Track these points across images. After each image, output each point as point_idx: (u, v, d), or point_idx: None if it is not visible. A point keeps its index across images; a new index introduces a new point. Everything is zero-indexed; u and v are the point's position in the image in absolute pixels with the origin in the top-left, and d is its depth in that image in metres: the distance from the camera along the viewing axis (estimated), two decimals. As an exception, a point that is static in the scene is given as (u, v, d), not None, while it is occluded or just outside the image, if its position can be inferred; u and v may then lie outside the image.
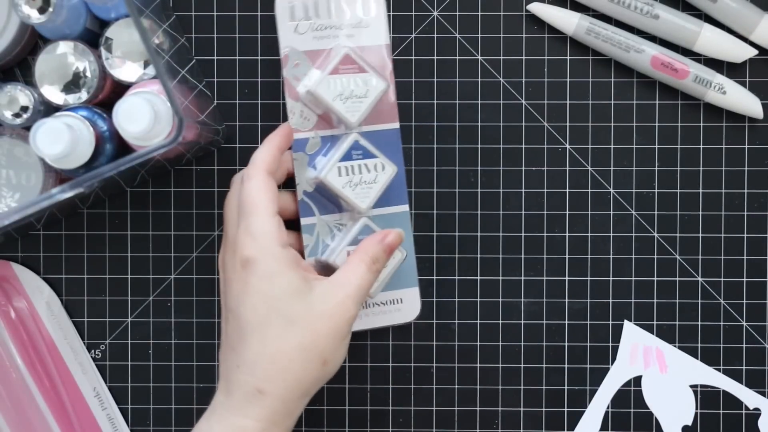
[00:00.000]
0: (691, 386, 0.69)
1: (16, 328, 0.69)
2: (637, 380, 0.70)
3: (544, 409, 0.70)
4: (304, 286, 0.58)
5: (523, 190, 0.70)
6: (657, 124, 0.70)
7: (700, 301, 0.70)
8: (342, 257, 0.64)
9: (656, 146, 0.70)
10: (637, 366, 0.69)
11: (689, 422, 0.69)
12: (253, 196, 0.60)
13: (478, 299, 0.70)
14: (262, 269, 0.58)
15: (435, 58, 0.69)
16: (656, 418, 0.70)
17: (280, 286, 0.58)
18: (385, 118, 0.66)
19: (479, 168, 0.70)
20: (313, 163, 0.65)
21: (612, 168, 0.70)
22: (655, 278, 0.70)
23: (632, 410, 0.70)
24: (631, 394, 0.70)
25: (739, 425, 0.70)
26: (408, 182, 0.69)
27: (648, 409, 0.70)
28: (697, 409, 0.70)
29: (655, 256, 0.70)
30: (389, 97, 0.66)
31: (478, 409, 0.70)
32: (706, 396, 0.70)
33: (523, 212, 0.70)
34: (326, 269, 0.64)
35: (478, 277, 0.70)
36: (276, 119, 0.70)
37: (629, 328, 0.69)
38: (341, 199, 0.64)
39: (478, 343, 0.70)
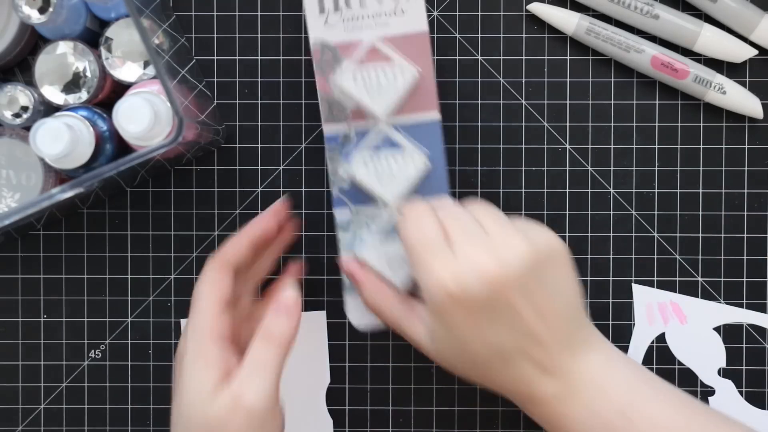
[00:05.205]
0: (714, 329, 0.69)
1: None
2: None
3: (544, 409, 0.70)
4: (211, 390, 0.56)
5: (523, 190, 0.70)
6: (657, 124, 0.70)
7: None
8: (371, 253, 0.62)
9: (656, 146, 0.70)
10: (656, 325, 0.69)
11: (723, 364, 0.69)
12: (200, 290, 0.60)
13: (478, 299, 0.70)
14: (184, 368, 0.58)
15: (435, 58, 0.69)
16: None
17: (189, 388, 0.57)
18: (423, 108, 0.63)
19: (479, 168, 0.70)
20: (348, 157, 0.63)
21: (612, 168, 0.70)
22: (655, 278, 0.70)
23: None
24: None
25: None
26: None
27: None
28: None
29: (655, 256, 0.70)
30: (427, 86, 0.63)
31: (478, 409, 0.70)
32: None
33: (523, 212, 0.70)
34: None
35: (478, 277, 0.70)
36: (276, 119, 0.70)
37: (638, 290, 0.69)
38: (370, 192, 0.63)
39: (478, 343, 0.70)
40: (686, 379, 0.70)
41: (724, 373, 0.70)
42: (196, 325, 0.58)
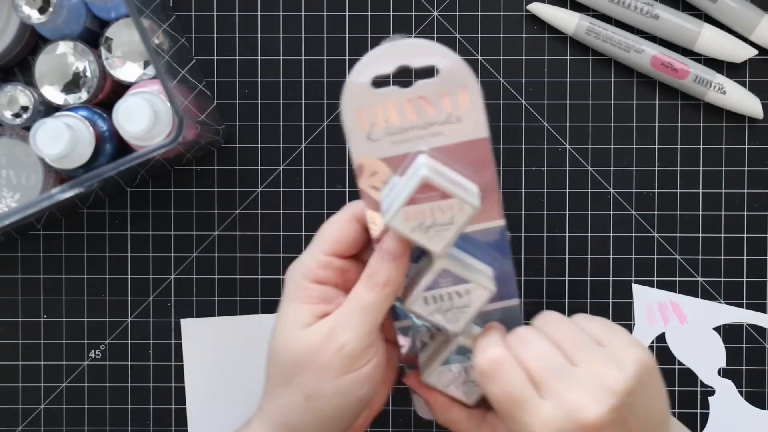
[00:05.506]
0: (714, 329, 0.69)
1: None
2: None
3: (544, 409, 0.70)
4: (305, 325, 0.56)
5: (523, 190, 0.70)
6: (657, 124, 0.70)
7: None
8: (437, 374, 0.59)
9: (656, 146, 0.70)
10: (656, 325, 0.69)
11: (723, 364, 0.69)
12: (322, 228, 0.58)
13: (478, 299, 0.70)
14: (282, 305, 0.57)
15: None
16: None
17: (284, 323, 0.56)
18: (487, 217, 0.55)
19: (479, 168, 0.70)
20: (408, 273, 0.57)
21: (612, 168, 0.70)
22: (655, 278, 0.70)
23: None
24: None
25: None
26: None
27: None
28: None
29: (655, 256, 0.70)
30: (490, 196, 0.54)
31: (478, 409, 0.70)
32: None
33: (523, 212, 0.70)
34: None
35: (478, 277, 0.70)
36: (276, 119, 0.70)
37: (638, 290, 0.69)
38: (433, 325, 0.58)
39: (478, 343, 0.70)
40: (686, 379, 0.70)
41: (724, 373, 0.70)
42: (301, 264, 0.57)
